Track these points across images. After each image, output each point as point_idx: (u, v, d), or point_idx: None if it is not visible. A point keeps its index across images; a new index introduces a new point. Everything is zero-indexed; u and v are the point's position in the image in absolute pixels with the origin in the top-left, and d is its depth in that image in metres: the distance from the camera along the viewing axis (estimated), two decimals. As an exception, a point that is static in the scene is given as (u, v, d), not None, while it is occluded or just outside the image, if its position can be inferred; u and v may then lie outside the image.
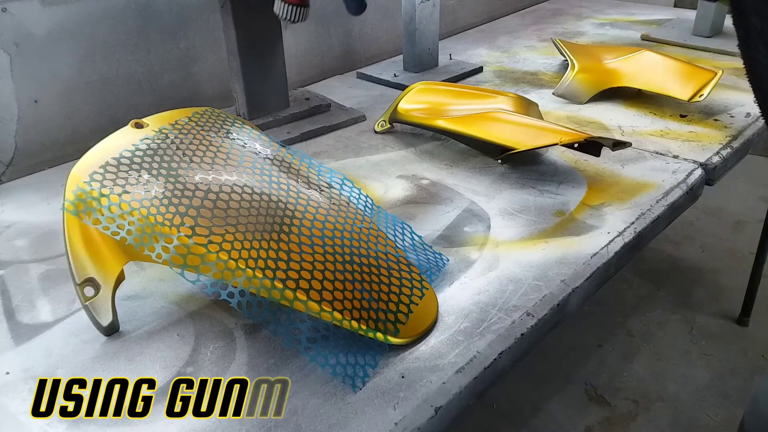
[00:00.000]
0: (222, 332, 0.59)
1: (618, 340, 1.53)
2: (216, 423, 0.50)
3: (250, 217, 0.56)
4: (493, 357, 0.56)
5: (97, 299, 0.56)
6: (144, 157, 0.58)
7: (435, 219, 0.76)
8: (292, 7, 0.58)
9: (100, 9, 0.95)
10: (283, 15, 0.59)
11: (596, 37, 1.46)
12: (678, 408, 1.35)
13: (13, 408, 0.51)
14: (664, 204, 0.79)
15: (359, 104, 1.11)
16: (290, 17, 0.59)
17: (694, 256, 1.82)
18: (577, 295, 0.65)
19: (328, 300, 0.53)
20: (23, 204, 0.83)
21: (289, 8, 0.58)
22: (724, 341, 1.52)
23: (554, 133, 0.84)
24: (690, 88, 1.02)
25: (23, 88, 0.91)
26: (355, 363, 0.53)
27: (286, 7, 0.59)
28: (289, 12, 0.59)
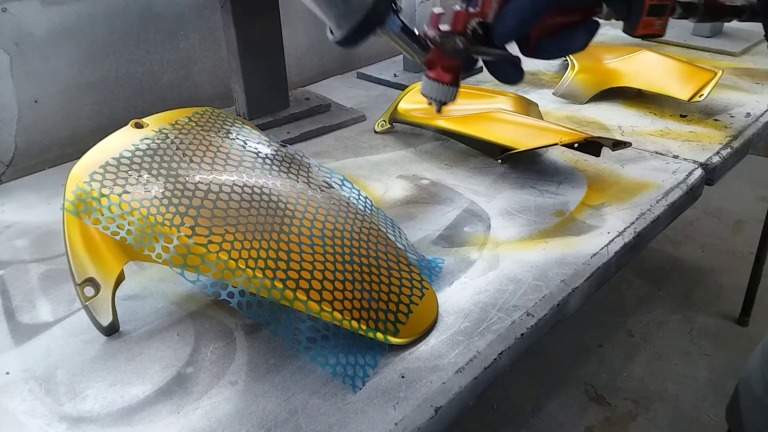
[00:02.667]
0: (222, 332, 0.59)
1: (618, 340, 1.53)
2: (216, 423, 0.50)
3: (250, 217, 0.56)
4: (493, 357, 0.56)
5: (97, 299, 0.56)
6: (144, 157, 0.58)
7: (435, 219, 0.76)
8: (443, 86, 0.52)
9: (100, 9, 0.95)
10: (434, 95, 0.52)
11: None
12: (678, 408, 1.35)
13: (13, 408, 0.51)
14: (664, 204, 0.79)
15: (359, 104, 1.11)
16: (442, 98, 0.52)
17: (694, 256, 1.82)
18: (577, 295, 0.65)
19: (328, 300, 0.53)
20: (23, 204, 0.83)
21: (440, 87, 0.52)
22: (724, 341, 1.52)
23: (554, 133, 0.84)
24: (690, 88, 1.02)
25: (23, 88, 0.91)
26: (355, 363, 0.53)
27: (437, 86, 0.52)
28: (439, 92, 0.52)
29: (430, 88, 0.52)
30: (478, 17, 0.48)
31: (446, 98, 0.52)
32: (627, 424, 1.32)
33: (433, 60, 0.50)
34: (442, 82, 0.51)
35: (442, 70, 0.51)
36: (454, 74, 0.51)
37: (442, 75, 0.51)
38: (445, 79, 0.51)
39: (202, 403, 0.51)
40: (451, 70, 0.51)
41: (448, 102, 0.52)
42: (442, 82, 0.51)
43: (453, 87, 0.52)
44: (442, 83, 0.51)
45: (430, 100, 0.53)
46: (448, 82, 0.51)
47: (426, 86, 0.52)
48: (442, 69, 0.51)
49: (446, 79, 0.51)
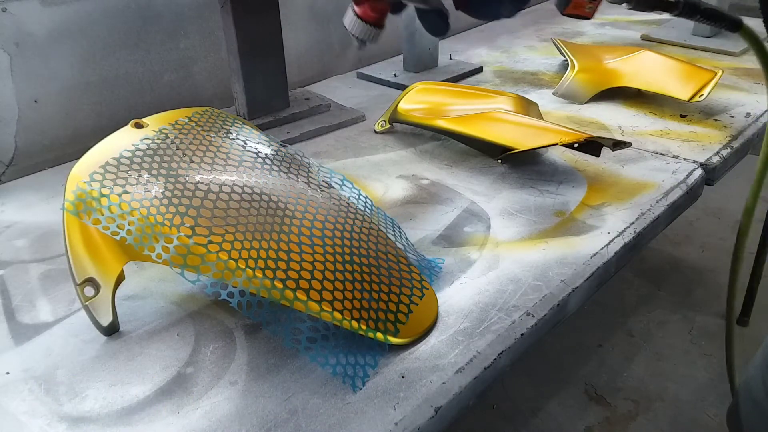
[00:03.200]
0: (222, 332, 0.59)
1: (618, 340, 1.53)
2: (216, 423, 0.50)
3: (250, 217, 0.56)
4: (493, 357, 0.56)
5: (97, 299, 0.56)
6: (144, 157, 0.58)
7: (435, 219, 0.76)
8: (366, 25, 0.51)
9: (100, 9, 0.95)
10: (354, 31, 0.52)
11: (596, 37, 1.46)
12: (678, 408, 1.35)
13: (13, 408, 0.51)
14: (664, 204, 0.79)
15: (359, 104, 1.11)
16: (361, 35, 0.52)
17: (694, 256, 1.82)
18: (577, 295, 0.65)
19: (328, 300, 0.53)
20: (23, 204, 0.83)
21: (362, 26, 0.51)
22: (724, 341, 1.52)
23: (554, 133, 0.84)
24: (690, 88, 1.02)
25: (23, 88, 0.91)
26: (355, 363, 0.53)
27: (359, 23, 0.51)
28: (360, 30, 0.51)
29: (354, 24, 0.51)
30: None
31: (367, 38, 0.51)
32: (627, 424, 1.32)
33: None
34: (366, 21, 0.50)
35: (369, 8, 0.50)
36: (380, 15, 0.50)
37: (368, 13, 0.50)
38: (370, 18, 0.50)
39: (202, 403, 0.51)
40: (378, 10, 0.50)
41: (367, 42, 0.52)
42: (366, 21, 0.50)
43: (376, 28, 0.51)
44: (366, 22, 0.50)
45: (351, 36, 0.52)
46: (373, 21, 0.50)
47: (349, 21, 0.51)
48: (370, 7, 0.50)
49: (371, 17, 0.50)
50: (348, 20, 0.51)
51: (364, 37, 0.51)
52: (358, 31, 0.51)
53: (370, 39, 0.52)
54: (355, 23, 0.51)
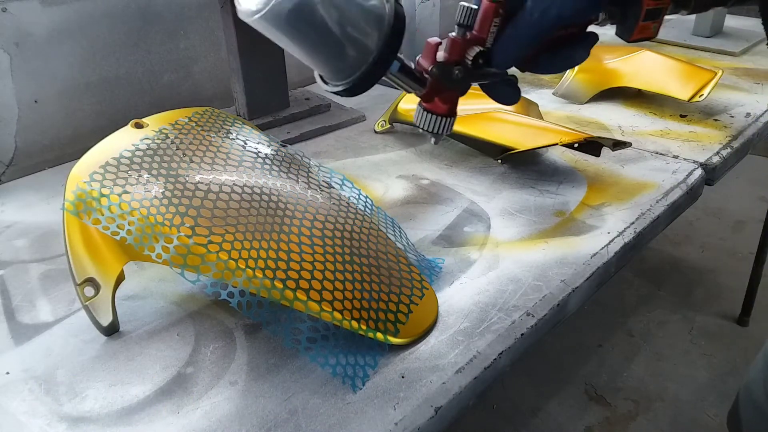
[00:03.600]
0: (222, 332, 0.59)
1: (618, 340, 1.53)
2: (216, 423, 0.50)
3: (250, 217, 0.56)
4: (493, 357, 0.56)
5: (97, 299, 0.56)
6: (144, 157, 0.58)
7: (435, 219, 0.76)
8: (437, 117, 0.48)
9: (100, 9, 0.95)
10: (426, 126, 0.48)
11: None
12: (678, 408, 1.35)
13: (13, 408, 0.51)
14: (664, 204, 0.79)
15: (359, 104, 1.11)
16: (434, 129, 0.48)
17: (694, 256, 1.82)
18: (577, 295, 0.65)
19: (328, 300, 0.53)
20: (23, 204, 0.83)
21: (436, 119, 0.48)
22: (724, 341, 1.52)
23: (554, 133, 0.84)
24: (690, 88, 1.02)
25: (23, 88, 0.91)
26: (355, 363, 0.53)
27: (433, 118, 0.48)
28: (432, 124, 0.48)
29: (427, 120, 0.48)
30: (477, 44, 0.45)
31: (443, 130, 0.49)
32: (627, 424, 1.32)
33: (430, 92, 0.47)
34: (439, 114, 0.48)
35: (439, 100, 0.47)
36: (451, 104, 0.48)
37: (438, 106, 0.48)
38: (442, 111, 0.48)
39: (202, 403, 0.51)
40: (448, 100, 0.48)
41: (443, 134, 0.49)
42: (439, 114, 0.48)
43: (450, 118, 0.49)
44: (439, 115, 0.48)
45: (424, 132, 0.49)
46: (445, 113, 0.48)
47: (422, 118, 0.48)
48: (440, 100, 0.47)
49: (443, 110, 0.48)
50: (421, 119, 0.48)
51: (441, 130, 0.49)
52: (432, 126, 0.48)
53: (445, 131, 0.49)
54: (428, 119, 0.48)
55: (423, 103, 0.48)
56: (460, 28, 0.45)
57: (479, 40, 0.45)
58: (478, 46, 0.45)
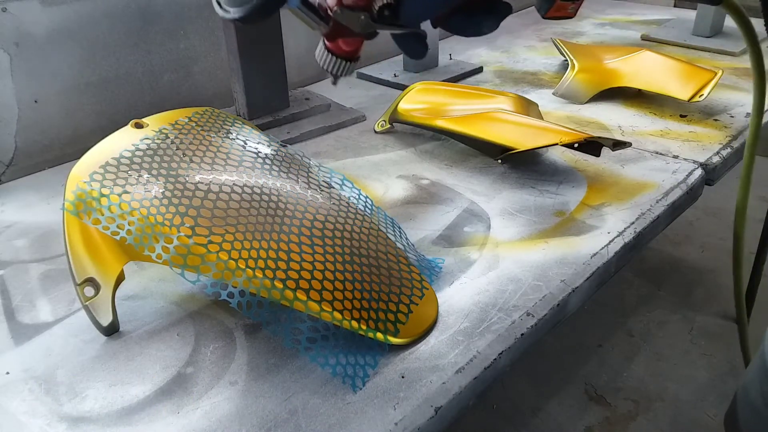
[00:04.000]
0: (222, 332, 0.59)
1: (618, 340, 1.53)
2: (216, 423, 0.50)
3: (250, 217, 0.56)
4: (493, 357, 0.56)
5: (97, 299, 0.56)
6: (144, 157, 0.58)
7: (435, 219, 0.76)
8: (338, 59, 0.47)
9: (100, 9, 0.95)
10: (326, 66, 0.48)
11: (596, 37, 1.46)
12: (678, 408, 1.35)
13: (13, 408, 0.51)
14: (664, 204, 0.79)
15: (359, 104, 1.11)
16: (334, 70, 0.48)
17: (694, 256, 1.82)
18: (577, 295, 0.65)
19: (328, 300, 0.53)
20: (23, 204, 0.83)
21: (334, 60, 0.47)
22: (724, 341, 1.52)
23: (554, 133, 0.84)
24: (690, 88, 1.02)
25: (23, 88, 0.91)
26: (355, 363, 0.53)
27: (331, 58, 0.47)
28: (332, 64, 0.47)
29: (327, 60, 0.47)
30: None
31: (343, 72, 0.48)
32: (627, 424, 1.32)
33: (333, 32, 0.45)
34: (339, 55, 0.47)
35: (342, 42, 0.46)
36: (354, 48, 0.47)
37: (340, 47, 0.47)
38: (344, 52, 0.47)
39: (202, 403, 0.51)
40: (351, 43, 0.47)
41: (343, 76, 0.48)
42: (339, 55, 0.47)
43: (352, 62, 0.47)
44: (339, 56, 0.47)
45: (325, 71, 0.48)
46: (347, 55, 0.47)
47: (322, 57, 0.47)
48: (343, 42, 0.46)
49: (345, 52, 0.47)
50: (320, 55, 0.48)
51: (338, 72, 0.48)
52: (331, 66, 0.47)
53: (345, 73, 0.48)
54: (328, 58, 0.47)
55: (326, 41, 0.47)
56: None
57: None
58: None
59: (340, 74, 0.48)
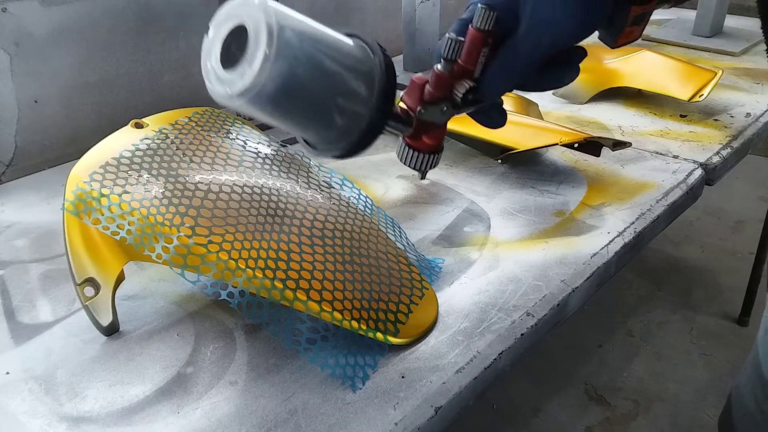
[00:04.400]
0: (222, 332, 0.59)
1: (618, 340, 1.53)
2: (216, 423, 0.50)
3: (250, 217, 0.56)
4: (493, 357, 0.56)
5: (97, 299, 0.56)
6: (144, 157, 0.58)
7: (435, 219, 0.76)
8: (425, 155, 0.44)
9: (100, 9, 0.95)
10: (414, 165, 0.45)
11: (596, 37, 1.46)
12: (678, 408, 1.35)
13: (12, 408, 0.51)
14: (664, 204, 0.79)
15: (359, 104, 1.10)
16: (422, 167, 0.45)
17: (694, 256, 1.82)
18: (577, 295, 0.65)
19: (328, 300, 0.53)
20: (23, 204, 0.83)
21: (421, 157, 0.44)
22: (724, 341, 1.52)
23: (554, 133, 0.84)
24: (690, 88, 1.02)
25: (23, 88, 0.91)
26: (354, 364, 0.53)
27: (418, 155, 0.44)
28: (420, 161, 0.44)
29: (414, 158, 0.45)
30: (464, 77, 0.42)
31: (430, 166, 0.46)
32: (627, 424, 1.32)
33: (417, 131, 0.44)
34: (426, 151, 0.45)
35: (426, 138, 0.44)
36: (438, 140, 0.45)
37: (425, 144, 0.44)
38: (429, 147, 0.45)
39: (202, 403, 0.51)
40: (435, 137, 0.45)
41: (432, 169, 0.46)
42: (426, 151, 0.45)
43: (438, 154, 0.46)
44: (426, 152, 0.45)
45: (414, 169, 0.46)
46: (432, 149, 0.45)
47: (408, 156, 0.45)
48: (426, 137, 0.44)
49: (430, 147, 0.45)
50: (406, 157, 0.45)
51: (427, 167, 0.45)
52: (420, 164, 0.45)
53: (434, 165, 0.46)
54: (415, 157, 0.45)
55: (408, 140, 0.45)
56: (447, 62, 0.41)
57: (467, 72, 0.42)
58: (467, 81, 0.42)
59: (430, 168, 0.46)
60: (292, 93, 0.36)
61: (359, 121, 0.39)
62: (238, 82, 0.35)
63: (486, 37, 0.41)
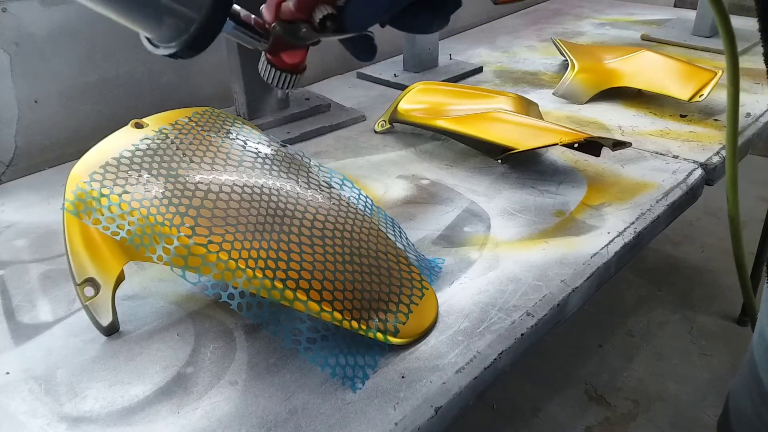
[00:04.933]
0: (222, 332, 0.59)
1: (618, 340, 1.53)
2: (216, 423, 0.50)
3: (250, 217, 0.56)
4: (493, 357, 0.56)
5: (97, 299, 0.56)
6: (144, 157, 0.58)
7: (435, 219, 0.76)
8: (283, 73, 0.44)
9: (100, 9, 0.95)
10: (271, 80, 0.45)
11: (596, 37, 1.46)
12: (678, 408, 1.35)
13: (12, 408, 0.51)
14: (664, 204, 0.79)
15: (359, 104, 1.11)
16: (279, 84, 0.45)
17: (694, 256, 1.82)
18: (577, 295, 0.65)
19: (328, 300, 0.53)
20: (23, 204, 0.83)
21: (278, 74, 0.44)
22: (724, 341, 1.52)
23: (554, 133, 0.84)
24: (690, 88, 1.02)
25: (23, 88, 0.91)
26: (354, 364, 0.53)
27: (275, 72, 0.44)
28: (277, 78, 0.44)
29: (272, 74, 0.44)
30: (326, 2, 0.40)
31: (290, 85, 0.45)
32: (627, 424, 1.32)
33: (274, 47, 0.43)
34: (284, 69, 0.44)
35: (285, 55, 0.44)
36: (298, 60, 0.44)
37: (284, 61, 0.44)
38: (289, 65, 0.44)
39: (202, 403, 0.51)
40: (294, 56, 0.44)
41: (290, 89, 0.46)
42: (284, 69, 0.44)
43: (298, 75, 0.45)
44: (284, 70, 0.44)
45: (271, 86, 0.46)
46: (291, 68, 0.44)
47: (266, 72, 0.45)
48: (285, 55, 0.44)
49: (289, 65, 0.44)
50: (262, 70, 0.45)
51: (284, 85, 0.45)
52: (277, 80, 0.45)
53: (293, 86, 0.45)
54: (272, 73, 0.44)
55: (268, 55, 0.44)
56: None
57: None
58: (326, 7, 0.40)
59: (287, 88, 0.45)
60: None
61: (188, 23, 0.36)
62: None
63: None
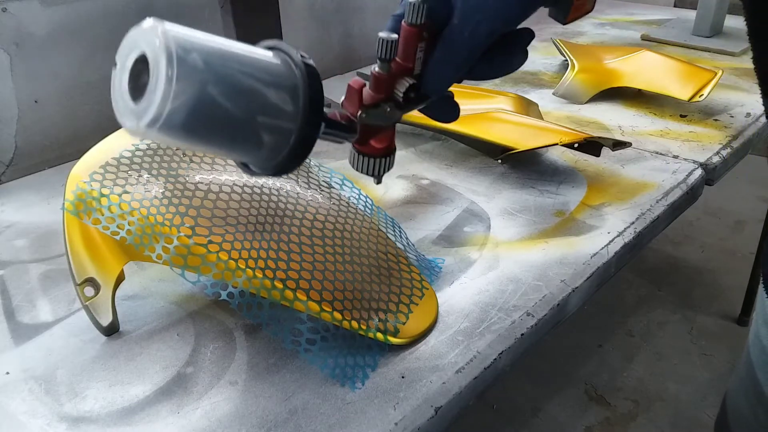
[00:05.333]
0: (222, 332, 0.59)
1: (618, 340, 1.53)
2: (216, 423, 0.50)
3: (250, 217, 0.56)
4: (493, 357, 0.56)
5: (97, 299, 0.56)
6: (144, 157, 0.58)
7: (435, 219, 0.76)
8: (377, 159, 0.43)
9: (100, 9, 0.95)
10: (367, 171, 0.43)
11: (596, 37, 1.46)
12: (678, 408, 1.35)
13: (12, 408, 0.51)
14: (664, 204, 0.79)
15: (359, 104, 1.10)
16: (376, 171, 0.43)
17: (694, 256, 1.82)
18: (577, 295, 0.65)
19: (328, 300, 0.53)
20: (23, 204, 0.83)
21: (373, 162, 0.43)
22: (724, 341, 1.52)
23: (554, 133, 0.84)
24: (690, 88, 1.02)
25: (23, 88, 0.91)
26: (354, 364, 0.53)
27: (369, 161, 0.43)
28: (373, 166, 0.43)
29: (365, 164, 0.43)
30: (404, 75, 0.40)
31: (384, 170, 0.44)
32: (627, 424, 1.32)
33: (363, 136, 0.42)
34: (376, 156, 0.43)
35: (374, 141, 0.43)
36: (388, 141, 0.43)
37: (374, 148, 0.43)
38: (379, 151, 0.43)
39: (202, 403, 0.51)
40: (384, 139, 0.43)
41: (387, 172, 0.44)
42: (376, 156, 0.43)
43: (390, 156, 0.44)
44: (376, 156, 0.43)
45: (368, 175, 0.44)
46: (383, 152, 0.43)
47: (358, 162, 0.43)
48: (374, 141, 0.43)
49: (380, 150, 0.43)
50: (355, 162, 0.44)
51: (381, 171, 0.43)
52: (372, 169, 0.43)
53: (388, 168, 0.44)
54: (366, 162, 0.43)
55: (357, 146, 0.43)
56: (383, 63, 0.40)
57: (406, 70, 0.40)
58: (407, 79, 0.40)
59: (384, 171, 0.44)
60: (205, 117, 0.34)
61: (287, 136, 0.36)
62: (146, 113, 0.32)
63: (420, 32, 0.39)
